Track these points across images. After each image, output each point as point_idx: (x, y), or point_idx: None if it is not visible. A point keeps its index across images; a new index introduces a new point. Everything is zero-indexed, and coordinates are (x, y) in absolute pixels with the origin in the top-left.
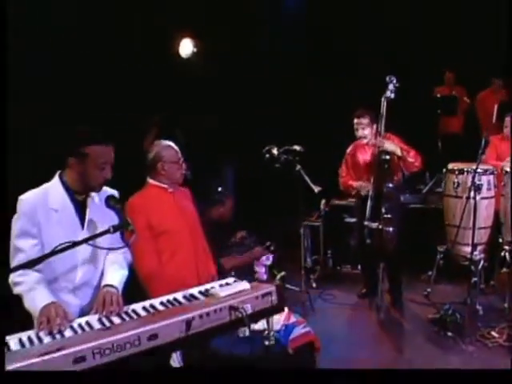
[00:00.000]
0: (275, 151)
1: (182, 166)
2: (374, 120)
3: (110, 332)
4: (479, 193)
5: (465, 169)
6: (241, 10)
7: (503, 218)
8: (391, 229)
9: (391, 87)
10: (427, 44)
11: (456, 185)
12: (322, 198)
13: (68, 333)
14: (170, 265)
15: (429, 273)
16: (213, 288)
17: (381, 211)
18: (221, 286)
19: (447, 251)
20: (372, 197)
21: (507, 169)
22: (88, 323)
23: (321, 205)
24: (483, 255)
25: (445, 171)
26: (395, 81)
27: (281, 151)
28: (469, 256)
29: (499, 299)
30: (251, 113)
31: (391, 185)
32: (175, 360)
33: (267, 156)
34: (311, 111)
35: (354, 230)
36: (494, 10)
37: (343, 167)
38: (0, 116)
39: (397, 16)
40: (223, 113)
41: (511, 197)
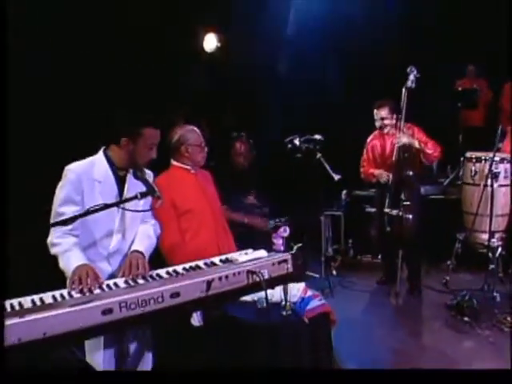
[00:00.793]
0: (297, 141)
1: (204, 150)
2: (394, 110)
3: (136, 289)
4: (496, 180)
5: (482, 157)
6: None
7: None
8: (411, 216)
9: (412, 77)
10: (450, 36)
11: (473, 173)
12: (344, 189)
13: (97, 291)
14: (193, 243)
15: (448, 262)
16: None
17: (400, 199)
18: (240, 255)
19: (465, 239)
20: (392, 185)
21: None
22: (115, 284)
23: (342, 195)
24: (501, 242)
25: (462, 159)
26: (416, 71)
27: (302, 140)
28: (486, 243)
29: None
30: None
31: (411, 173)
32: (195, 319)
33: (289, 146)
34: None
35: (375, 220)
36: None
37: (364, 157)
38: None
39: (421, 8)
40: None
41: None
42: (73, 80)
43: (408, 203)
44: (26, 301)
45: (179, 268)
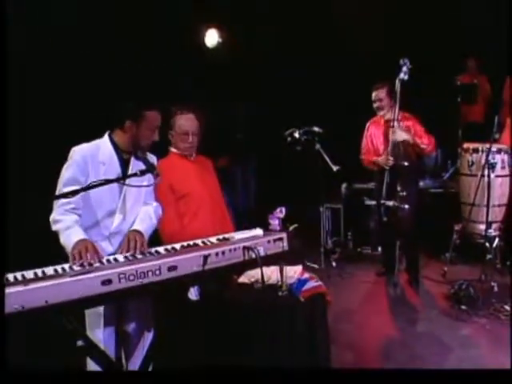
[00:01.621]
0: (297, 134)
1: (189, 139)
2: (392, 93)
3: (135, 262)
4: (493, 171)
5: (479, 147)
6: None
7: None
8: (407, 206)
9: (405, 69)
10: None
11: (470, 163)
12: (343, 182)
13: (96, 264)
14: (190, 227)
15: (446, 254)
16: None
17: (397, 190)
18: (236, 234)
19: (463, 229)
20: (388, 176)
21: None
22: (115, 259)
23: (342, 188)
24: (498, 233)
25: (460, 150)
26: (408, 63)
27: (301, 132)
28: (483, 233)
29: None
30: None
31: (406, 163)
32: (193, 294)
33: (289, 139)
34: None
35: (374, 212)
36: None
37: (363, 144)
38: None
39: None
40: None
41: None
42: (80, 70)
43: (404, 193)
44: (29, 273)
45: (177, 245)
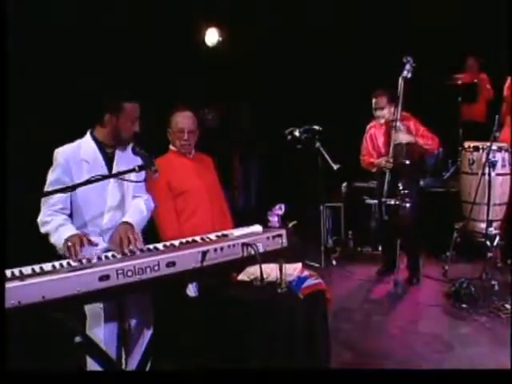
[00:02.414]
0: (297, 132)
1: (184, 137)
2: (392, 100)
3: (133, 258)
4: (494, 169)
5: (479, 146)
6: None
7: None
8: (408, 205)
9: (408, 67)
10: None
11: (471, 162)
12: (344, 181)
13: (94, 260)
14: (188, 224)
15: (447, 253)
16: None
17: (398, 188)
18: (235, 231)
19: (463, 227)
20: (389, 174)
21: None
22: (113, 255)
23: (342, 187)
24: (498, 231)
25: (460, 149)
26: (412, 61)
27: (301, 131)
28: (484, 232)
29: None
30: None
31: (408, 162)
32: (191, 290)
33: (289, 137)
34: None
35: (375, 211)
36: None
37: (363, 145)
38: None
39: None
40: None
41: None
42: (80, 70)
43: (405, 192)
44: (27, 269)
45: (176, 242)
